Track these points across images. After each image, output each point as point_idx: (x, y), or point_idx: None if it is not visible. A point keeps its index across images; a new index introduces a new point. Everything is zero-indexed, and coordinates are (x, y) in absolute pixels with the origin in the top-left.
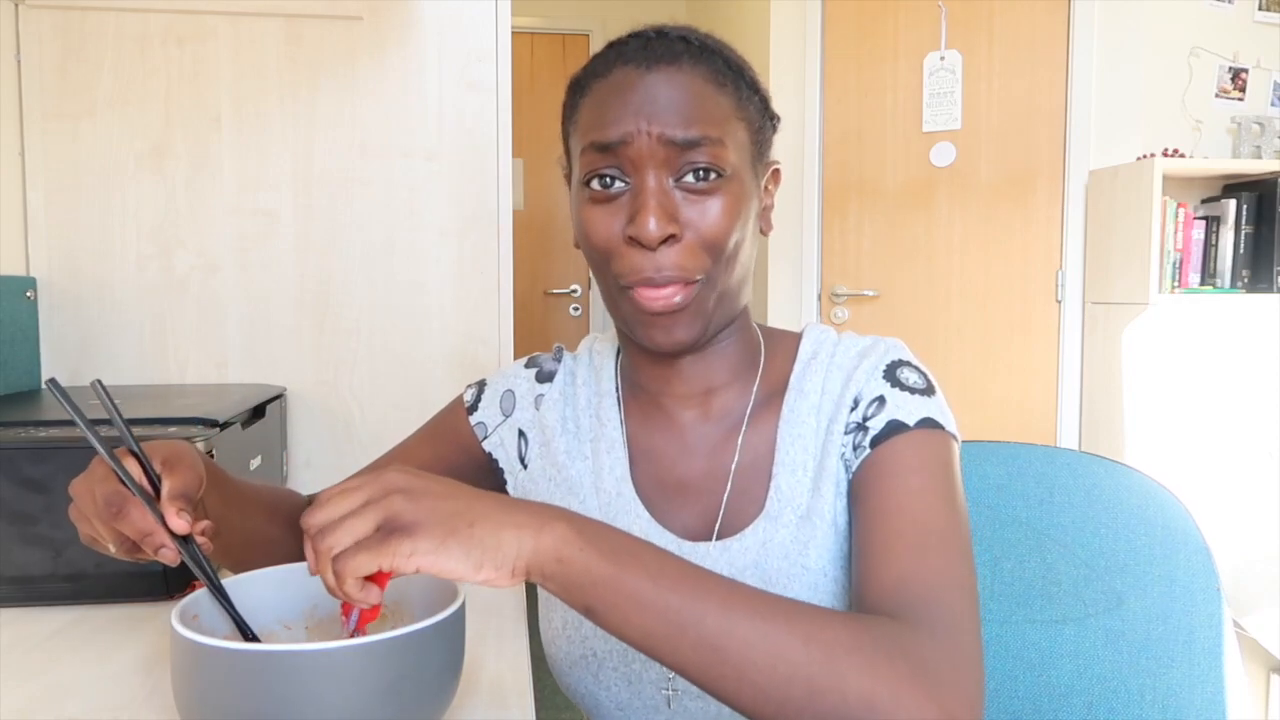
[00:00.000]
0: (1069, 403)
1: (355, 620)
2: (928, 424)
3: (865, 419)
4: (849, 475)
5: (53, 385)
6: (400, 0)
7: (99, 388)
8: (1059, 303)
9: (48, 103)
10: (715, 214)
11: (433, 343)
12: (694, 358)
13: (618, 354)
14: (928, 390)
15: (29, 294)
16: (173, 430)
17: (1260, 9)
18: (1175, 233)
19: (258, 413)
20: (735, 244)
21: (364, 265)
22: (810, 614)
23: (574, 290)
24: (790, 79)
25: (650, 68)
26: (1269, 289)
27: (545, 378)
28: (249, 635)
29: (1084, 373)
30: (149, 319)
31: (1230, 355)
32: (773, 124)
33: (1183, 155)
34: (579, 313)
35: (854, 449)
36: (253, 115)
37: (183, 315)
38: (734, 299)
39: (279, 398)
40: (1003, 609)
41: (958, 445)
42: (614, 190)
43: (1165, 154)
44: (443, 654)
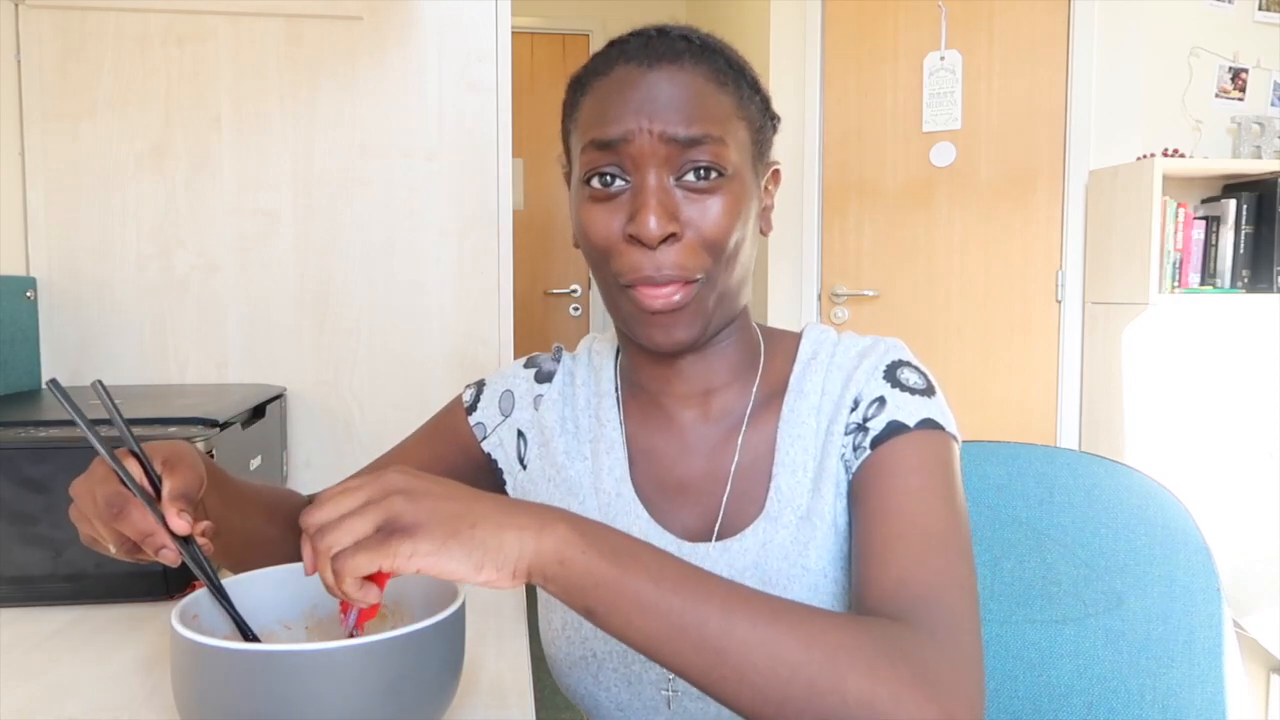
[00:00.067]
0: (1069, 403)
1: (354, 618)
2: (928, 425)
3: (865, 419)
4: (849, 476)
5: (53, 386)
6: (400, 0)
7: (99, 388)
8: (1059, 303)
9: (48, 103)
10: (716, 213)
11: (433, 343)
12: (694, 358)
13: (617, 354)
14: (928, 391)
15: (29, 294)
16: (173, 430)
17: (1260, 9)
18: (1175, 233)
19: (258, 413)
20: (736, 243)
21: (364, 265)
22: (811, 616)
23: (574, 290)
24: (790, 79)
25: (652, 66)
26: (1269, 289)
27: (544, 378)
28: (249, 635)
29: (1084, 373)
30: (149, 319)
31: (1230, 355)
32: (773, 124)
33: (1183, 155)
34: (579, 313)
35: (854, 449)
36: (253, 115)
37: (183, 315)
38: (734, 299)
39: (279, 398)
40: (1003, 609)
41: (958, 446)
42: (614, 189)
43: (1165, 154)
44: (443, 654)
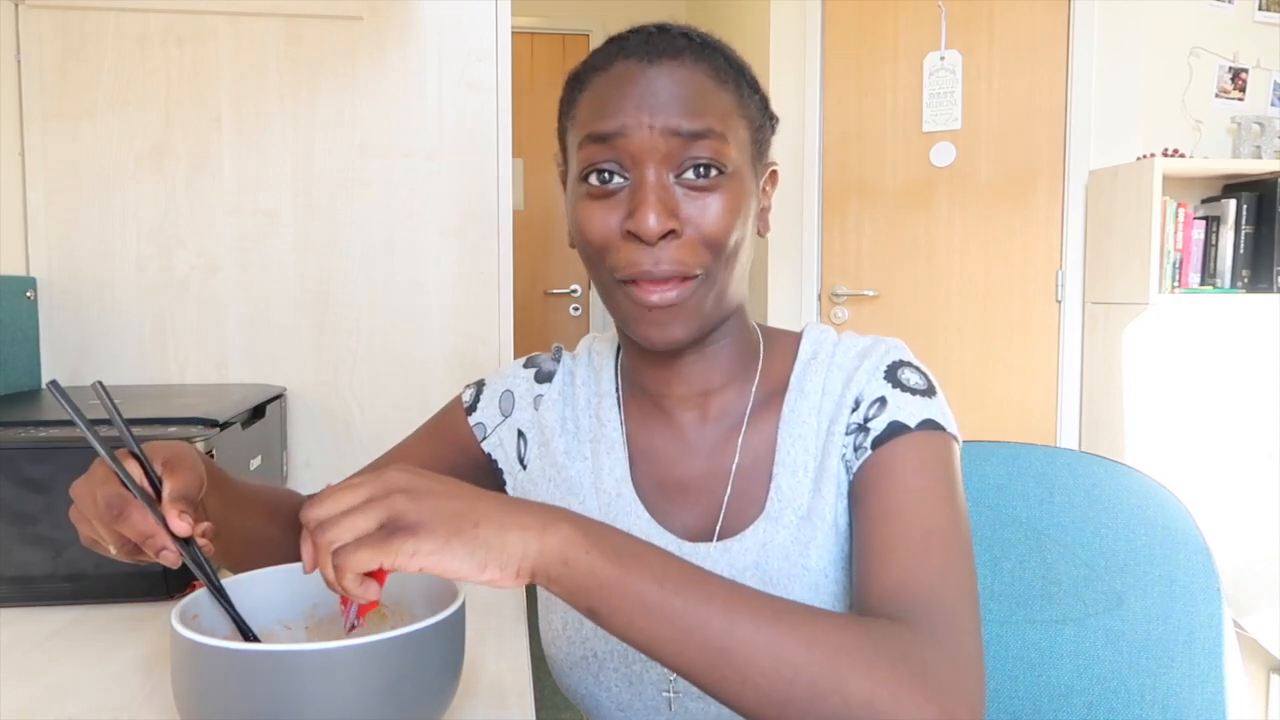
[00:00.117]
0: (1069, 403)
1: (354, 610)
2: (929, 425)
3: (866, 420)
4: (850, 476)
5: (53, 387)
6: (400, 0)
7: (100, 389)
8: (1059, 303)
9: (48, 103)
10: (716, 211)
11: (433, 343)
12: (693, 358)
13: (617, 354)
14: (929, 391)
15: (29, 294)
16: (173, 430)
17: (1260, 9)
18: (1175, 233)
19: (258, 413)
20: (735, 242)
21: (364, 265)
22: (812, 617)
23: (574, 290)
24: (790, 79)
25: (652, 61)
26: (1269, 289)
27: (544, 378)
28: (249, 635)
29: (1084, 373)
30: (149, 319)
31: (1230, 355)
32: (772, 124)
33: (1183, 155)
34: (579, 313)
35: (855, 450)
36: (253, 115)
37: (183, 315)
38: (730, 299)
39: (279, 398)
40: (1003, 609)
41: (958, 446)
42: (612, 185)
43: (1165, 154)
44: (443, 654)
